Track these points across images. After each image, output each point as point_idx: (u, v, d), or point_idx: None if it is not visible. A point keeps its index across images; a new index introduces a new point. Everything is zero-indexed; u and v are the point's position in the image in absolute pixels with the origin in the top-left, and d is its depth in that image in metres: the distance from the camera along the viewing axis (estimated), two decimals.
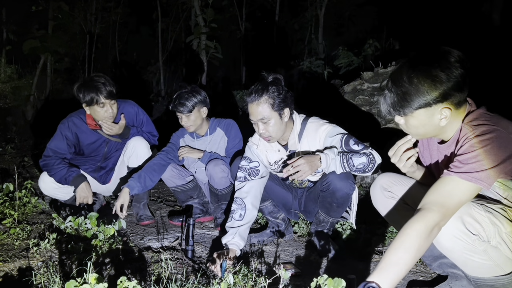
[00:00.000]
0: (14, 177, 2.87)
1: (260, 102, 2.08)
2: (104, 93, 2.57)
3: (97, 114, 2.63)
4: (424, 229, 1.24)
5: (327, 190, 2.12)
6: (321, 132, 2.17)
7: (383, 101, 1.48)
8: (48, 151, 2.70)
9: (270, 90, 2.09)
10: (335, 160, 2.05)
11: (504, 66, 3.89)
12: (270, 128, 2.12)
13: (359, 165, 2.02)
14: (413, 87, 1.36)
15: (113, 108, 2.64)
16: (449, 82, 1.34)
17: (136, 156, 2.76)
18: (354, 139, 2.11)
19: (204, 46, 6.53)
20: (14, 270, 1.83)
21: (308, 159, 2.03)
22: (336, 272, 1.75)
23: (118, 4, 8.96)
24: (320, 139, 2.18)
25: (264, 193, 2.31)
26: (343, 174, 2.07)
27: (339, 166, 2.04)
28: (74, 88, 2.63)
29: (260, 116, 2.10)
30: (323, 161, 2.04)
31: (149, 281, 1.71)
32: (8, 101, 7.48)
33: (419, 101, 1.37)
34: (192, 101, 2.61)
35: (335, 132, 2.15)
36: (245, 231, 2.11)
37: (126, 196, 2.50)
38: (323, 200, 2.18)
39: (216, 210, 2.68)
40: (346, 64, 5.55)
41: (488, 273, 1.42)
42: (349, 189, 2.10)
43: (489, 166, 1.28)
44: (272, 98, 2.08)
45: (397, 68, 1.45)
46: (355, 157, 2.03)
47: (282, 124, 2.14)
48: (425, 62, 1.37)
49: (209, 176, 2.68)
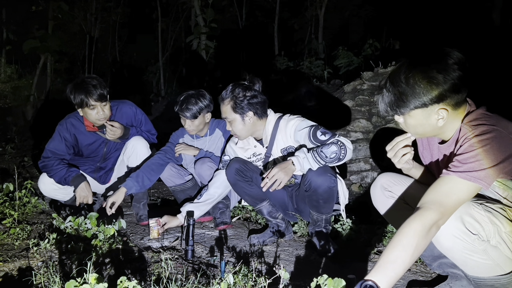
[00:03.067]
0: (14, 177, 2.87)
1: (224, 103, 2.29)
2: (94, 96, 2.53)
3: (89, 116, 2.61)
4: (422, 227, 1.24)
5: (310, 189, 2.14)
6: (290, 127, 2.28)
7: (381, 100, 1.49)
8: (46, 153, 2.70)
9: (235, 93, 2.27)
10: (307, 158, 2.09)
11: (504, 66, 3.89)
12: (234, 127, 2.32)
13: (331, 155, 2.08)
14: (410, 87, 1.38)
15: (104, 110, 2.61)
16: (445, 84, 1.35)
17: (136, 155, 2.76)
18: (321, 130, 2.17)
19: (204, 46, 6.53)
20: (14, 270, 1.83)
21: (281, 166, 2.09)
22: (336, 272, 1.75)
23: (118, 4, 8.96)
24: (290, 134, 2.28)
25: (261, 193, 2.33)
26: (320, 169, 2.10)
27: (313, 162, 2.09)
28: (67, 89, 2.61)
29: (224, 115, 2.32)
30: (296, 164, 2.09)
31: (149, 281, 1.71)
32: (8, 101, 7.49)
33: (415, 102, 1.39)
34: (198, 107, 2.63)
35: (302, 125, 2.24)
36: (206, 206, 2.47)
37: (121, 195, 2.51)
38: (310, 199, 2.20)
39: (214, 211, 2.68)
40: (346, 64, 5.55)
41: (488, 272, 1.42)
42: (329, 182, 2.12)
43: (488, 165, 1.29)
44: (234, 101, 2.26)
45: (395, 67, 1.47)
46: (325, 148, 2.09)
47: (246, 126, 2.30)
48: (423, 63, 1.38)
49: (198, 175, 2.71)
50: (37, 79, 7.43)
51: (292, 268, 2.01)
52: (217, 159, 2.73)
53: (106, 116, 2.64)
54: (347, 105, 3.85)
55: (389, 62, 3.96)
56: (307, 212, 2.35)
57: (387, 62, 3.98)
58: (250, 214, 2.94)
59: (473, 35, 5.15)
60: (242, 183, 2.32)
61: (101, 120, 2.63)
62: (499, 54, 4.26)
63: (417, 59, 1.40)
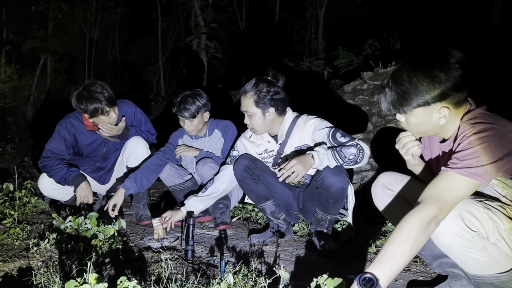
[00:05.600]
0: (14, 177, 2.87)
1: (247, 96, 2.26)
2: (106, 102, 2.53)
3: (102, 121, 2.61)
4: (420, 221, 1.25)
5: (322, 186, 2.14)
6: (309, 126, 2.28)
7: (383, 99, 1.50)
8: (46, 152, 2.70)
9: (259, 87, 2.24)
10: (327, 154, 2.10)
11: (504, 66, 3.89)
12: (253, 122, 2.29)
13: (350, 156, 2.08)
14: (412, 86, 1.39)
15: (116, 112, 2.63)
16: (447, 82, 1.36)
17: (135, 156, 2.76)
18: (341, 132, 2.17)
19: (204, 46, 6.53)
20: (14, 270, 1.83)
21: (300, 159, 2.08)
22: (336, 272, 1.75)
23: (118, 4, 8.97)
24: (309, 133, 2.27)
25: (267, 192, 2.35)
26: (335, 169, 2.11)
27: (332, 159, 2.09)
28: (72, 99, 2.56)
29: (244, 108, 2.29)
30: (315, 158, 2.09)
31: (149, 281, 1.71)
32: (8, 101, 7.48)
33: (417, 100, 1.40)
34: (196, 106, 2.63)
35: (322, 125, 2.24)
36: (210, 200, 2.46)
37: (121, 197, 2.51)
38: (319, 197, 2.19)
39: (214, 211, 2.68)
40: (346, 64, 5.55)
41: (487, 270, 1.42)
42: (343, 183, 2.12)
43: (486, 162, 1.30)
44: (257, 95, 2.24)
45: (398, 66, 1.48)
46: (345, 149, 2.09)
47: (266, 121, 2.28)
48: (426, 62, 1.40)
49: (200, 175, 2.71)
50: (37, 79, 7.43)
51: (292, 268, 2.01)
52: (218, 160, 2.73)
53: (117, 117, 2.65)
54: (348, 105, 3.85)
55: (389, 62, 3.96)
56: (312, 213, 2.35)
57: (387, 62, 3.97)
58: (250, 214, 2.94)
59: (473, 35, 5.15)
60: (249, 180, 2.32)
61: (113, 123, 2.64)
62: (499, 54, 4.26)
63: (419, 58, 1.42)
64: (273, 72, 2.29)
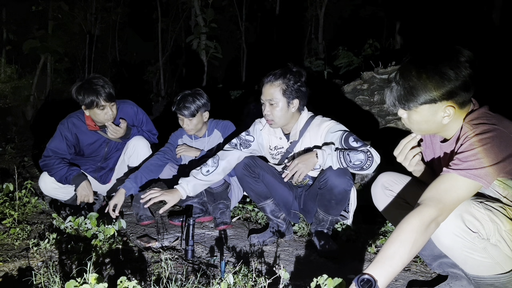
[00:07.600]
0: (14, 177, 2.87)
1: (274, 84, 2.20)
2: (104, 96, 2.54)
3: (97, 116, 2.62)
4: (420, 223, 1.24)
5: (325, 187, 2.13)
6: (323, 128, 2.25)
7: (389, 93, 1.48)
8: (48, 152, 2.70)
9: (287, 76, 2.20)
10: (332, 155, 2.08)
11: (504, 66, 3.89)
12: (275, 112, 2.22)
13: (356, 161, 2.06)
14: (421, 82, 1.37)
15: (112, 109, 2.63)
16: (457, 81, 1.34)
17: (137, 155, 2.76)
18: (354, 137, 2.15)
19: (204, 46, 6.53)
20: (14, 270, 1.83)
21: (302, 158, 2.09)
22: (336, 272, 1.75)
23: (118, 4, 8.97)
24: (322, 135, 2.25)
25: (266, 191, 2.35)
26: (340, 170, 2.09)
27: (335, 161, 2.08)
28: (72, 90, 2.60)
29: (269, 97, 2.21)
30: (319, 156, 2.09)
31: (149, 281, 1.71)
32: (8, 101, 7.48)
33: (425, 97, 1.38)
34: (196, 105, 2.63)
35: (336, 128, 2.22)
36: (201, 186, 2.34)
37: (121, 197, 2.50)
38: (322, 197, 2.19)
39: (214, 211, 2.68)
40: (346, 64, 5.55)
41: (487, 271, 1.42)
42: (346, 185, 2.11)
43: (488, 164, 1.29)
44: (286, 84, 2.19)
45: (406, 62, 1.45)
46: (353, 153, 2.07)
47: (288, 113, 2.24)
48: (435, 59, 1.38)
49: None
50: (37, 79, 7.43)
51: (292, 268, 2.01)
52: None
53: (114, 115, 2.65)
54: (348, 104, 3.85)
55: (389, 62, 3.96)
56: (313, 213, 2.34)
57: (387, 62, 3.97)
58: (250, 214, 2.94)
59: (473, 35, 5.15)
60: (249, 178, 2.32)
61: (109, 120, 2.64)
62: (499, 54, 4.25)
63: (428, 55, 1.40)
64: (296, 67, 2.25)
